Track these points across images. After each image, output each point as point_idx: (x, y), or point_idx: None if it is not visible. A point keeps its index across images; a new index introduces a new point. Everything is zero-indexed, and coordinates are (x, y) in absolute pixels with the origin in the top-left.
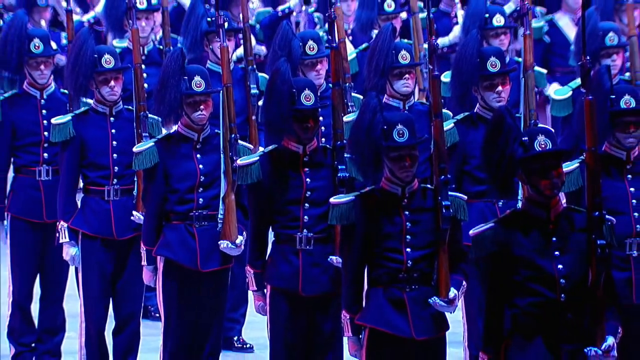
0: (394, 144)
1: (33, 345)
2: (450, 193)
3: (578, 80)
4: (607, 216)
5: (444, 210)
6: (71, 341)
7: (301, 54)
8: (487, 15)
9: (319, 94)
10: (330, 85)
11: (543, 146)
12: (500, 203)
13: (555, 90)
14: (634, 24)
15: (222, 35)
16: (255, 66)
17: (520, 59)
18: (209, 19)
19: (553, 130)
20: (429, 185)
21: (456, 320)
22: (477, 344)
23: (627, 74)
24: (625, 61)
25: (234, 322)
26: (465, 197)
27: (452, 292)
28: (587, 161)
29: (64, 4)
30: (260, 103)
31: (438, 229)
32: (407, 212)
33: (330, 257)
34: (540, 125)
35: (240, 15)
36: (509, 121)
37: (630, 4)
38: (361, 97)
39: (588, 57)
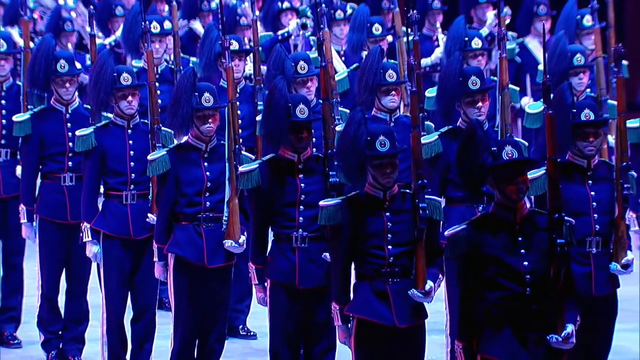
0: (377, 153)
1: (60, 332)
2: (426, 196)
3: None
4: (566, 217)
5: (420, 212)
6: (94, 329)
7: (293, 73)
8: (466, 38)
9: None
10: (320, 100)
11: (510, 155)
12: (480, 207)
13: (529, 105)
14: (600, 46)
15: (227, 57)
16: (263, 85)
17: (495, 78)
18: (221, 42)
19: (525, 141)
20: (407, 190)
21: (439, 310)
22: None
23: (588, 90)
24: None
25: (239, 313)
26: (441, 199)
27: (429, 284)
28: (548, 169)
29: (88, 29)
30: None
31: (417, 229)
32: (388, 214)
33: (324, 253)
34: (510, 137)
35: (246, 39)
36: (479, 133)
37: (597, 28)
38: (348, 111)
39: (549, 76)
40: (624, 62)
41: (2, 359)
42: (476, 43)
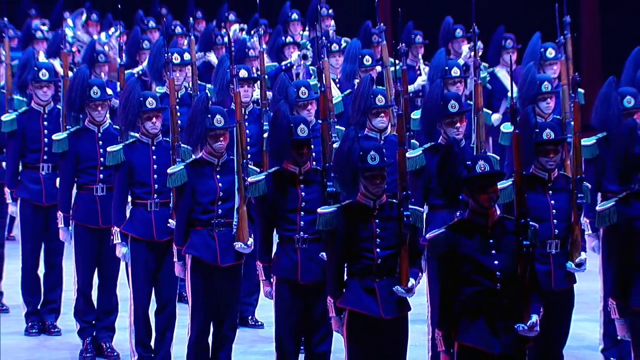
0: (368, 166)
1: (93, 322)
2: (410, 206)
3: None
4: (531, 222)
5: (405, 219)
6: (123, 319)
7: (295, 98)
8: (446, 68)
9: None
10: (320, 120)
11: (482, 169)
12: (458, 213)
13: (504, 125)
14: (565, 75)
15: (235, 84)
16: (268, 108)
17: (471, 102)
18: (232, 71)
19: (497, 155)
20: (394, 200)
21: (422, 303)
22: None
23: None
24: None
25: (249, 305)
26: (423, 208)
27: (411, 282)
28: (515, 180)
29: (118, 60)
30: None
31: (401, 233)
32: (377, 220)
33: (322, 253)
34: (483, 152)
35: (254, 68)
36: (456, 150)
37: (562, 59)
38: (343, 129)
39: (520, 101)
40: (580, 89)
41: (44, 345)
42: (455, 72)
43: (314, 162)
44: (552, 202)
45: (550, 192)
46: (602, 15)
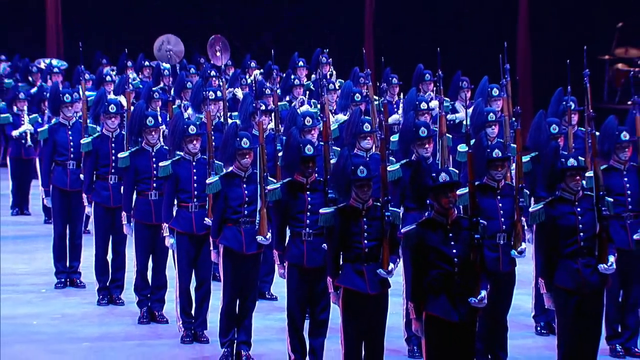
0: (358, 177)
1: (148, 295)
2: (390, 208)
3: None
4: (481, 221)
5: (386, 218)
6: (170, 294)
7: (302, 125)
8: (417, 102)
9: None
10: (321, 142)
11: (444, 179)
12: (426, 213)
13: (460, 145)
14: (506, 108)
15: (258, 115)
16: (280, 133)
17: (436, 128)
18: (254, 105)
19: (456, 169)
20: (378, 203)
21: (399, 282)
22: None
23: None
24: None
25: (266, 283)
26: (400, 209)
27: (390, 266)
28: (469, 188)
29: (168, 95)
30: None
31: (383, 229)
32: (365, 219)
33: (323, 244)
34: (446, 167)
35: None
36: (425, 165)
37: (504, 97)
38: (339, 149)
39: (471, 127)
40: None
41: (112, 313)
42: (424, 106)
43: (317, 174)
44: (500, 204)
45: (499, 197)
46: (533, 63)
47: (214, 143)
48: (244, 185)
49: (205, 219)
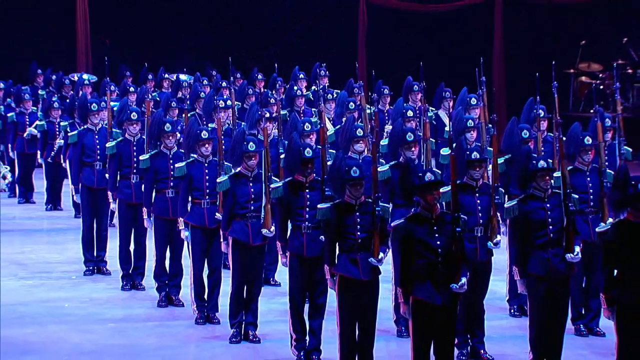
0: (352, 177)
1: (166, 282)
2: (380, 204)
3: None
4: (462, 216)
5: (377, 213)
6: (186, 280)
7: (302, 130)
8: (404, 111)
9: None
10: (319, 146)
11: (429, 178)
12: (413, 209)
13: (442, 149)
14: (483, 116)
15: (263, 121)
16: (282, 137)
17: (421, 134)
18: (259, 112)
19: (439, 170)
20: (369, 200)
21: (389, 270)
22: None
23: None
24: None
25: (271, 270)
26: (389, 204)
27: (381, 255)
28: (451, 186)
29: (185, 104)
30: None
31: (374, 222)
32: (358, 214)
33: (321, 236)
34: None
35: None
36: (411, 166)
37: (481, 106)
38: (334, 152)
39: (452, 133)
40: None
41: (134, 297)
42: (410, 114)
43: (315, 174)
44: (479, 201)
45: (477, 194)
46: (506, 76)
47: (223, 147)
48: (251, 184)
49: (216, 214)
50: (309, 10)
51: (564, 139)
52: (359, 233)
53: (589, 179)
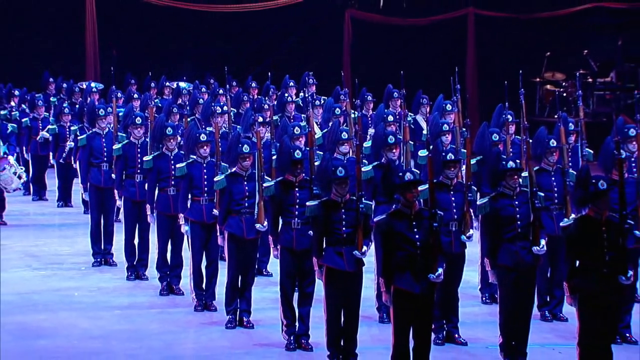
0: (337, 177)
1: (168, 272)
2: (364, 201)
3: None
4: (438, 212)
5: (360, 210)
6: (185, 271)
7: (292, 133)
8: (385, 116)
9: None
10: (307, 148)
11: (409, 178)
12: (394, 206)
13: (420, 151)
14: (457, 121)
15: (256, 125)
16: (275, 140)
17: (400, 137)
18: (253, 117)
19: (418, 170)
20: (354, 197)
21: (372, 261)
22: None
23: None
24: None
25: (263, 262)
26: (372, 203)
27: (364, 248)
28: (429, 185)
29: (185, 110)
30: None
31: (358, 218)
32: (343, 210)
33: (309, 231)
34: (409, 168)
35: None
36: (392, 167)
37: (456, 111)
38: (322, 153)
39: (429, 136)
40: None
41: (138, 286)
42: (390, 118)
43: (304, 174)
44: (453, 198)
45: (452, 192)
46: (479, 84)
47: (220, 148)
48: (245, 183)
49: (214, 210)
50: (299, 24)
51: (531, 141)
52: (344, 228)
53: (553, 178)
